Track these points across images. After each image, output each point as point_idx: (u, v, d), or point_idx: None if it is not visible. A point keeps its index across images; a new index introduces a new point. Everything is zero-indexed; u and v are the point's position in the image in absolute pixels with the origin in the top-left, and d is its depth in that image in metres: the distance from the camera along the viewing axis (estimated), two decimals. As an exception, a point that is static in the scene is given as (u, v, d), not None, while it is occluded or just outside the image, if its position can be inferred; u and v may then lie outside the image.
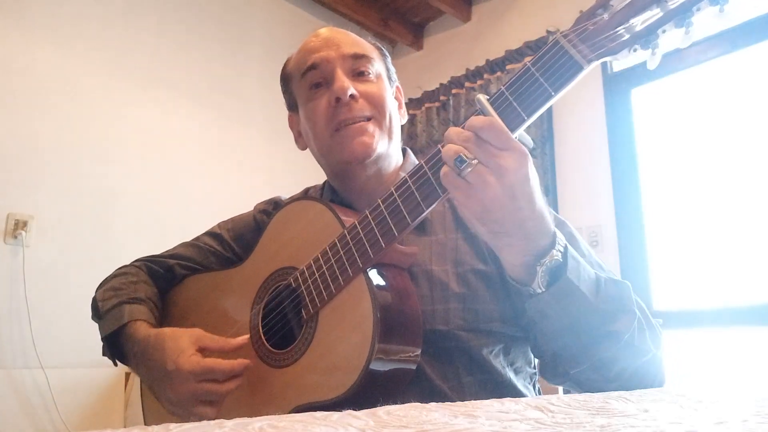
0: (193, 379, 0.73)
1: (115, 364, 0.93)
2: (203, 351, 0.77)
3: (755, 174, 2.21)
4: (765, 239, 2.13)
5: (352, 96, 0.85)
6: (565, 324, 0.68)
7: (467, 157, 0.61)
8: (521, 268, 0.66)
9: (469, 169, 0.61)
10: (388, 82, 0.95)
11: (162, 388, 0.77)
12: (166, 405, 0.78)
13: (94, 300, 0.95)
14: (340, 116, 0.86)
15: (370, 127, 0.87)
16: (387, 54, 0.99)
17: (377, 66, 0.92)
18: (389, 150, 0.90)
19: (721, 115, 2.35)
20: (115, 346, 0.89)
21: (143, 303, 0.91)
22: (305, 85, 0.91)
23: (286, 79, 0.98)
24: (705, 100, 2.43)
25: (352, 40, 0.93)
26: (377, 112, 0.88)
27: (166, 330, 0.81)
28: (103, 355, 0.93)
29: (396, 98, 0.98)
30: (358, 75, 0.89)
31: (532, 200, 0.62)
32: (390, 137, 0.90)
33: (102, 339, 0.90)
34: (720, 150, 2.33)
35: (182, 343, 0.76)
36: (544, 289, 0.66)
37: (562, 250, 0.66)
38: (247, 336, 0.79)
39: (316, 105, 0.89)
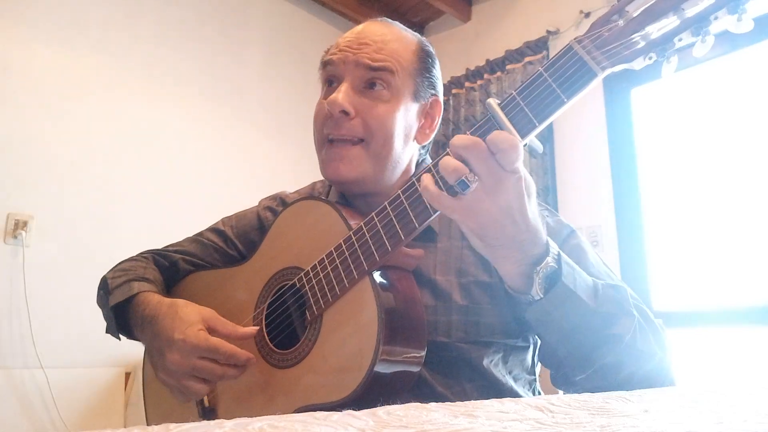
0: (196, 353, 0.73)
1: (119, 338, 0.94)
2: (210, 332, 0.77)
3: (755, 174, 2.21)
4: (765, 239, 2.13)
5: (344, 113, 0.81)
6: (566, 330, 0.69)
7: (469, 180, 0.59)
8: (519, 278, 0.67)
9: (472, 188, 0.60)
10: (413, 97, 0.86)
11: (162, 354, 0.77)
12: (161, 373, 0.78)
13: (104, 279, 0.95)
14: (327, 130, 0.84)
15: (355, 151, 0.82)
16: (430, 62, 0.91)
17: (399, 80, 0.84)
18: (379, 175, 0.84)
19: (721, 115, 2.34)
20: (120, 320, 0.90)
21: (152, 283, 0.92)
22: (322, 77, 0.90)
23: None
24: (705, 100, 2.43)
25: (381, 44, 0.85)
26: (370, 136, 0.82)
27: (180, 300, 0.82)
28: (107, 332, 0.94)
29: (428, 113, 0.90)
30: (369, 86, 0.83)
31: (527, 215, 0.63)
32: (383, 162, 0.84)
33: (110, 308, 0.90)
34: (720, 150, 2.32)
35: (193, 317, 0.77)
36: (542, 296, 0.67)
37: (556, 256, 0.67)
38: (257, 328, 0.79)
39: (319, 103, 0.88)
